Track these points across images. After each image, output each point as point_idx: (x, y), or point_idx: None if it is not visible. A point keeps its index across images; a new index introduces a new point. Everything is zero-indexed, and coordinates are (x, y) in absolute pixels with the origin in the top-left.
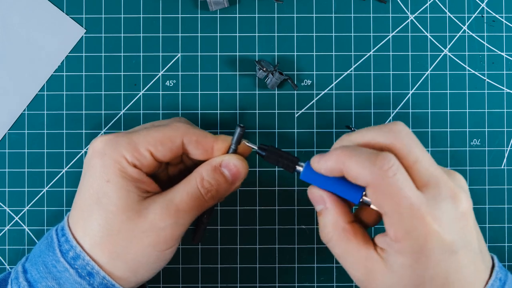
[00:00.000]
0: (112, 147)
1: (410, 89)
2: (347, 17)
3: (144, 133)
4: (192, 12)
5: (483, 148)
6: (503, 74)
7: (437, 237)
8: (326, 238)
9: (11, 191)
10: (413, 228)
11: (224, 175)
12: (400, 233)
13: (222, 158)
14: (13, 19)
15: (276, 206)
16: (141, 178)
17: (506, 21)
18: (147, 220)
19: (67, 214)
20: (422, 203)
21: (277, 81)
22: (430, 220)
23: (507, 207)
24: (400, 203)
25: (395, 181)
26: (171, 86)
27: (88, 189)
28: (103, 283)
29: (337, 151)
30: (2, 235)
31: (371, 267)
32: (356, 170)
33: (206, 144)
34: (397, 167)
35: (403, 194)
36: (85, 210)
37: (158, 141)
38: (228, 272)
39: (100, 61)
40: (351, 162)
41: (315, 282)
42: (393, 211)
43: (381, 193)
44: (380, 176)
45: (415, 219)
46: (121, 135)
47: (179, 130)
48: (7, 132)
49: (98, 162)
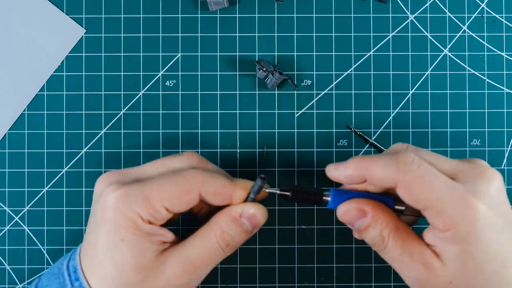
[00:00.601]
0: (125, 204)
1: (410, 89)
2: (347, 17)
3: (159, 187)
4: (192, 12)
5: (483, 148)
6: (503, 74)
7: (484, 215)
8: (383, 244)
9: (11, 191)
10: (459, 212)
11: (244, 226)
12: (448, 222)
13: (242, 208)
14: (13, 19)
15: (276, 206)
16: (156, 232)
17: (506, 21)
18: (164, 278)
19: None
20: (459, 186)
21: (277, 81)
22: (473, 200)
23: None
24: (437, 192)
25: (424, 172)
26: (171, 86)
27: (102, 242)
28: None
29: (356, 159)
30: (2, 235)
31: (429, 264)
32: (381, 173)
33: (224, 194)
34: (419, 160)
35: (436, 182)
36: (99, 263)
37: (174, 197)
38: (228, 272)
39: (100, 61)
40: (374, 166)
41: (315, 282)
42: (432, 202)
43: (413, 188)
44: (408, 171)
45: (457, 203)
46: (134, 189)
47: (196, 182)
48: (7, 132)
49: (112, 218)
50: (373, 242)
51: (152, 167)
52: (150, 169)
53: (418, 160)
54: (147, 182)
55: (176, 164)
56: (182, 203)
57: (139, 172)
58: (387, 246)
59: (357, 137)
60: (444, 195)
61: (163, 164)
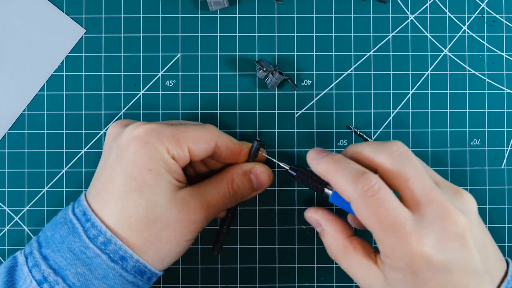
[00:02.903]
0: (156, 137)
1: (410, 89)
2: (347, 17)
3: (184, 129)
4: (192, 12)
5: (483, 148)
6: (503, 74)
7: (423, 256)
8: (332, 256)
9: (11, 191)
10: (398, 246)
11: (252, 181)
12: (387, 251)
13: (254, 165)
14: (13, 19)
15: (276, 206)
16: (177, 170)
17: (506, 21)
18: (183, 212)
19: (84, 197)
20: (407, 222)
21: (277, 81)
22: (413, 239)
23: (507, 207)
24: (382, 221)
25: (375, 200)
26: (171, 86)
27: (125, 175)
28: (136, 266)
29: (328, 161)
30: (2, 235)
31: (372, 280)
32: (341, 186)
33: (235, 149)
34: (378, 187)
35: (384, 212)
36: (121, 197)
37: (197, 140)
38: (228, 272)
39: (100, 61)
40: (337, 177)
41: (315, 282)
42: (376, 229)
43: (362, 211)
44: (361, 195)
45: (398, 237)
46: (163, 127)
47: (214, 132)
48: (7, 132)
49: (140, 150)
50: (327, 250)
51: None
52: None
53: (376, 188)
54: (173, 126)
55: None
56: (202, 149)
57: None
58: (336, 258)
59: (357, 137)
60: (387, 227)
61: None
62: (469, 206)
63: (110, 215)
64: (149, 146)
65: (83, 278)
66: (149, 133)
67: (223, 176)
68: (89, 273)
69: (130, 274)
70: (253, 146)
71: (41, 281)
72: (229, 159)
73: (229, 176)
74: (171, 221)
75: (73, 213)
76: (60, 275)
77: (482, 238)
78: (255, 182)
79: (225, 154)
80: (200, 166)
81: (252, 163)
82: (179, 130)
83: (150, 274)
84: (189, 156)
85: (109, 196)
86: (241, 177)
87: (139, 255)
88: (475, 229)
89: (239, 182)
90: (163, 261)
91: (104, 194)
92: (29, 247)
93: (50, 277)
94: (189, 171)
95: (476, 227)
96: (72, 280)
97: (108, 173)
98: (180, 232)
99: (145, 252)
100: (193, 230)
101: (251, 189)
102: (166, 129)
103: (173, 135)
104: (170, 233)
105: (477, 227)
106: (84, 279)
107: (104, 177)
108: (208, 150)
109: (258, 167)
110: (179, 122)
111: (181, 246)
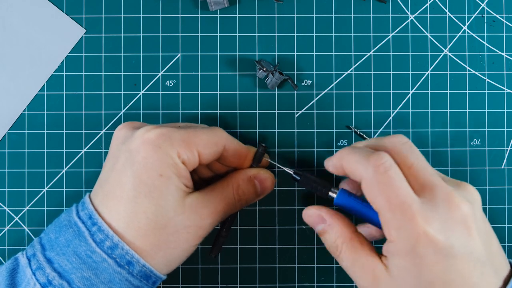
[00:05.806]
0: (167, 141)
1: (410, 89)
2: (347, 17)
3: (194, 133)
4: (192, 12)
5: (483, 148)
6: (503, 74)
7: (428, 237)
8: (336, 252)
9: (11, 191)
10: (404, 227)
11: (256, 187)
12: (393, 232)
13: (258, 171)
14: (13, 19)
15: (276, 206)
16: (186, 175)
17: (506, 21)
18: (191, 217)
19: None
20: (414, 202)
21: (277, 81)
22: (420, 219)
23: (507, 207)
24: (390, 200)
25: (386, 178)
26: (171, 86)
27: (135, 179)
28: (143, 270)
29: (343, 150)
30: (2, 235)
31: (376, 275)
32: (352, 166)
33: (242, 152)
34: (389, 165)
35: (394, 191)
36: (130, 201)
37: (206, 144)
38: (228, 272)
39: (100, 61)
40: (349, 158)
41: (315, 282)
42: (384, 208)
43: (372, 188)
44: (372, 171)
45: (405, 217)
46: (173, 130)
47: (222, 136)
48: (7, 132)
49: (151, 154)
50: (329, 248)
51: (177, 124)
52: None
53: (387, 165)
54: (182, 129)
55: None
56: (211, 152)
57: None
58: (340, 254)
59: (357, 137)
60: (395, 207)
61: (186, 125)
62: (473, 196)
63: (119, 219)
64: (161, 151)
65: (88, 282)
66: (161, 138)
67: (229, 182)
68: (95, 277)
69: (136, 278)
70: (257, 151)
71: (46, 284)
72: (235, 163)
73: (235, 182)
74: (179, 227)
75: (77, 216)
76: (65, 278)
77: (486, 231)
78: (259, 187)
79: (232, 158)
80: (204, 170)
81: (257, 169)
82: (190, 134)
83: (155, 279)
84: (198, 160)
85: (118, 200)
86: (246, 183)
87: (146, 260)
88: (479, 220)
89: (244, 188)
90: (169, 266)
91: (112, 197)
92: (32, 249)
93: (55, 280)
94: (192, 176)
95: (481, 219)
96: (77, 284)
97: (117, 176)
98: (187, 237)
99: (153, 257)
100: (200, 235)
101: (255, 195)
102: (177, 133)
103: (183, 139)
104: (178, 239)
105: (482, 220)
106: (90, 283)
107: (112, 180)
108: (216, 154)
109: (262, 173)
110: (186, 125)
111: (187, 251)
